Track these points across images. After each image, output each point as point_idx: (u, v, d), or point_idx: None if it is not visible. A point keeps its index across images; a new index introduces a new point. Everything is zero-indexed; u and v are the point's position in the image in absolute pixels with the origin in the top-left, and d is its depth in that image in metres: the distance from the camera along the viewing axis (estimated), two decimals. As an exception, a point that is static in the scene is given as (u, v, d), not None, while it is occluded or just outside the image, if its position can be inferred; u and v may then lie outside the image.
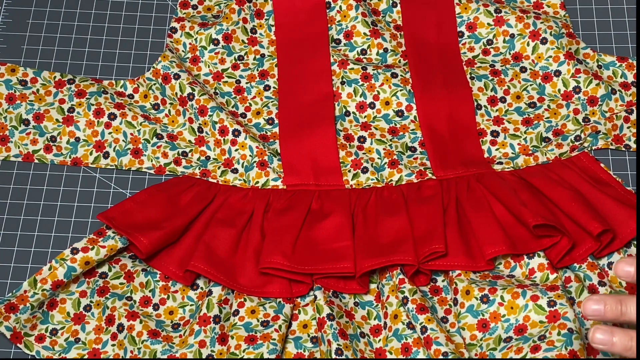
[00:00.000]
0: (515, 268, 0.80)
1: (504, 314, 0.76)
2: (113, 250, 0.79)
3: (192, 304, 0.81)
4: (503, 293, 0.76)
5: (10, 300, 0.78)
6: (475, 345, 0.76)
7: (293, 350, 0.78)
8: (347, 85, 0.89)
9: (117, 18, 0.95)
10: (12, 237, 0.84)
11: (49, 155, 0.87)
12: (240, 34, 0.92)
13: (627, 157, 0.87)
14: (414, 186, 0.84)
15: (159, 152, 0.87)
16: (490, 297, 0.76)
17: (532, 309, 0.75)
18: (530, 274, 0.79)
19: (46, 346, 0.79)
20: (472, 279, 0.78)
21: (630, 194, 0.83)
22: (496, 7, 0.92)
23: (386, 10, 0.94)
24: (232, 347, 0.76)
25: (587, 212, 0.79)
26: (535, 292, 0.76)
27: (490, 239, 0.79)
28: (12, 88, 0.89)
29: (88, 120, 0.87)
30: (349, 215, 0.82)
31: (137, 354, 0.77)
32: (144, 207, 0.82)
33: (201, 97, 0.87)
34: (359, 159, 0.86)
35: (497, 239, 0.79)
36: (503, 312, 0.76)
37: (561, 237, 0.79)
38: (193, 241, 0.81)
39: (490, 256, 0.78)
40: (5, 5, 0.95)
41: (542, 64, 0.90)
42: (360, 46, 0.92)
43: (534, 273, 0.79)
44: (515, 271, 0.80)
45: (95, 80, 0.90)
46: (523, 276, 0.79)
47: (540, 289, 0.76)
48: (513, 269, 0.80)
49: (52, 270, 0.78)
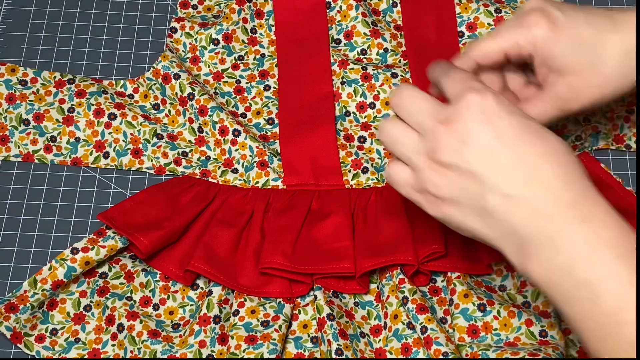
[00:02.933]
0: (507, 277, 0.80)
1: (496, 327, 0.76)
2: (113, 250, 0.79)
3: (192, 304, 0.81)
4: (500, 308, 0.76)
5: (10, 300, 0.77)
6: (465, 345, 0.75)
7: (293, 350, 0.78)
8: (347, 85, 0.89)
9: (117, 18, 0.95)
10: (12, 237, 0.84)
11: (49, 155, 0.87)
12: (241, 33, 0.92)
13: (627, 157, 0.87)
14: None
15: (159, 152, 0.87)
16: (488, 308, 0.76)
17: (524, 333, 0.75)
18: (522, 286, 0.79)
19: (46, 346, 0.78)
20: (469, 284, 0.78)
21: (630, 195, 0.83)
22: (496, 7, 0.92)
23: (386, 10, 0.94)
24: (232, 347, 0.76)
25: None
26: (530, 316, 0.76)
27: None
28: (12, 88, 0.89)
29: (88, 120, 0.87)
30: (349, 215, 0.82)
31: (137, 354, 0.77)
32: (144, 207, 0.82)
33: (201, 97, 0.87)
34: (359, 159, 0.86)
35: None
36: (496, 325, 0.76)
37: None
38: (193, 241, 0.81)
39: (491, 261, 0.79)
40: (5, 5, 0.95)
41: (542, 64, 0.90)
42: (360, 46, 0.92)
43: (525, 287, 0.79)
44: (506, 281, 0.80)
45: (95, 80, 0.90)
46: (515, 288, 0.79)
47: (534, 315, 0.76)
48: (505, 278, 0.80)
49: (52, 270, 0.78)
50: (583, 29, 0.68)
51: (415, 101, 0.63)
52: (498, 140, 0.58)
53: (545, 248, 0.56)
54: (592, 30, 0.68)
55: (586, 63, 0.68)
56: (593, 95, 0.69)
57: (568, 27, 0.68)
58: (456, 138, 0.60)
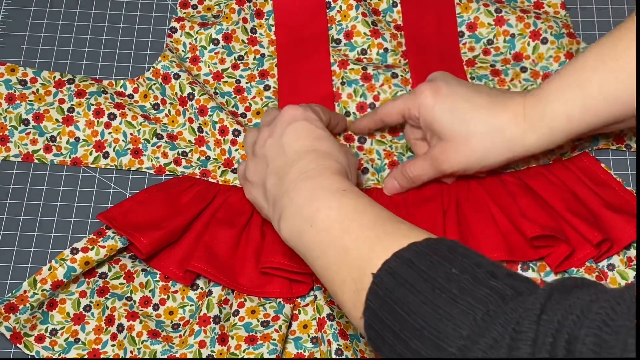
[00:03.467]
0: None
1: None
2: (113, 251, 0.79)
3: (192, 304, 0.81)
4: None
5: (10, 300, 0.77)
6: None
7: (293, 351, 0.78)
8: (347, 85, 0.89)
9: (117, 18, 0.95)
10: (12, 237, 0.84)
11: (49, 155, 0.87)
12: (240, 33, 0.92)
13: (627, 157, 0.87)
14: (414, 187, 0.84)
15: (158, 152, 0.87)
16: None
17: None
18: None
19: (46, 346, 0.78)
20: None
21: (629, 195, 0.83)
22: (497, 6, 0.92)
23: (386, 10, 0.94)
24: (232, 347, 0.76)
25: (586, 219, 0.79)
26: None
27: (489, 243, 0.79)
28: (12, 88, 0.89)
29: (88, 120, 0.87)
30: (349, 215, 0.82)
31: (137, 354, 0.77)
32: (143, 207, 0.82)
33: (201, 97, 0.87)
34: (359, 159, 0.86)
35: (495, 245, 0.79)
36: None
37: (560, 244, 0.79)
38: (193, 241, 0.81)
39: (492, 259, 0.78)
40: (5, 5, 0.95)
41: (542, 63, 0.90)
42: (360, 46, 0.92)
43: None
44: None
45: (95, 80, 0.90)
46: None
47: None
48: None
49: (52, 271, 0.78)
50: (458, 102, 0.78)
51: (270, 112, 0.81)
52: (286, 137, 0.75)
53: (285, 203, 0.70)
54: (466, 104, 0.78)
55: (456, 132, 0.78)
56: (461, 161, 0.79)
57: (446, 99, 0.79)
58: (268, 133, 0.76)
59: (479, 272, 0.58)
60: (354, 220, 0.65)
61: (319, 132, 0.75)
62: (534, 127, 0.76)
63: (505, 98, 0.78)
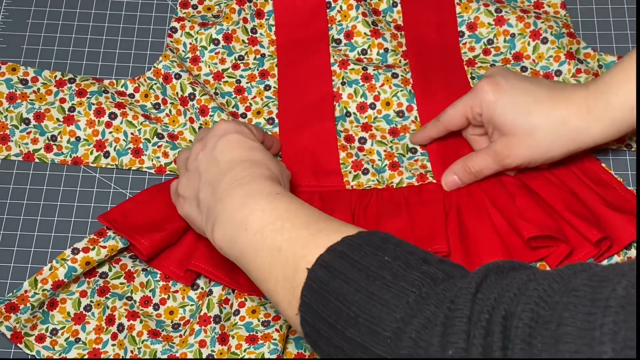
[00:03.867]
0: None
1: None
2: (114, 251, 0.79)
3: (193, 304, 0.81)
4: None
5: (10, 300, 0.77)
6: None
7: (294, 351, 0.78)
8: (347, 85, 0.89)
9: (117, 18, 0.95)
10: (12, 237, 0.84)
11: (50, 154, 0.87)
12: (241, 33, 0.92)
13: (627, 157, 0.87)
14: (415, 189, 0.84)
15: (159, 151, 0.87)
16: None
17: None
18: None
19: (46, 346, 0.78)
20: None
21: (630, 195, 0.83)
22: (497, 6, 0.92)
23: (387, 10, 0.94)
24: (233, 347, 0.76)
25: (586, 218, 0.79)
26: None
27: (487, 247, 0.79)
28: (13, 87, 0.89)
29: (89, 120, 0.87)
30: (350, 215, 0.82)
31: (137, 353, 0.77)
32: (144, 208, 0.82)
33: (202, 97, 0.87)
34: (359, 160, 0.86)
35: (494, 248, 0.79)
36: None
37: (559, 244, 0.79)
38: (193, 241, 0.81)
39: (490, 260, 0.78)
40: (5, 5, 0.95)
41: (542, 63, 0.90)
42: (360, 46, 0.92)
43: None
44: None
45: (96, 80, 0.90)
46: None
47: None
48: None
49: (52, 270, 0.78)
50: (519, 95, 0.79)
51: (203, 130, 0.81)
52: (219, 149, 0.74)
53: (218, 210, 0.70)
54: (527, 98, 0.79)
55: (519, 126, 0.79)
56: (525, 154, 0.80)
57: (507, 93, 0.79)
58: (201, 147, 0.76)
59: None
60: (287, 220, 0.65)
61: (252, 143, 0.75)
62: (597, 118, 0.78)
63: (566, 90, 0.79)
